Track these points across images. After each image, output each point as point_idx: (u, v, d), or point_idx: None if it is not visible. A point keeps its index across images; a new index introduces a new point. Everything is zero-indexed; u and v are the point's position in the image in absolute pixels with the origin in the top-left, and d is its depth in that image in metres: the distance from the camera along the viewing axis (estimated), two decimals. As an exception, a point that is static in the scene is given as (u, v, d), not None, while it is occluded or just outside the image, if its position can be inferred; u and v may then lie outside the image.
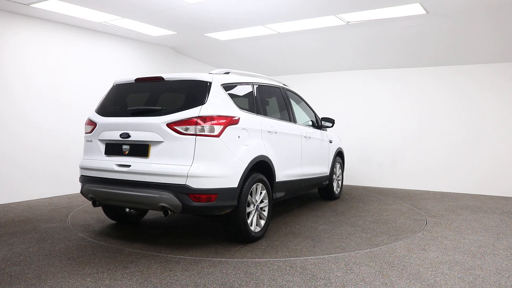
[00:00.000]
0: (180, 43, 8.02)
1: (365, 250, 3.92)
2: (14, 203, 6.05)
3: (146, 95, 4.14)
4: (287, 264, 3.54)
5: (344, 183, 8.18)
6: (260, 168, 4.31)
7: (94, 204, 4.20)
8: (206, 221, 5.06)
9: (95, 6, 5.72)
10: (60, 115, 6.61)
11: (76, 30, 6.85)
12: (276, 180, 4.53)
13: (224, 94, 4.00)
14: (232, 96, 4.11)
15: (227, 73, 4.39)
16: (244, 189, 3.94)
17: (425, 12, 5.59)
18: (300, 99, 5.80)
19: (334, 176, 6.45)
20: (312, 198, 6.66)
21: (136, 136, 3.86)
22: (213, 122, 3.71)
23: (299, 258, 3.69)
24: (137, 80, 4.24)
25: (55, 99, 6.60)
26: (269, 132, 4.46)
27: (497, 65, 7.00)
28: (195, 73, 4.05)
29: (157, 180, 3.70)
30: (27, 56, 6.27)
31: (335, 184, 6.52)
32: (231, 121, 3.87)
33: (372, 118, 8.19)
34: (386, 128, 8.03)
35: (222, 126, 3.76)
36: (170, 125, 3.71)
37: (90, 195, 4.17)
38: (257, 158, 4.14)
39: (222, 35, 7.22)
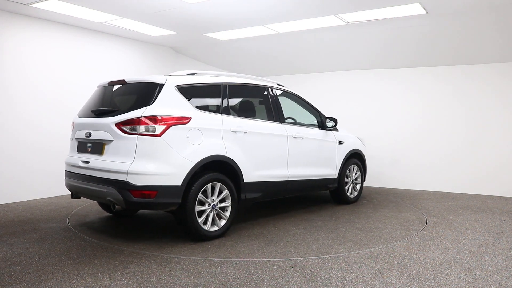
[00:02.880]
0: (180, 43, 8.02)
1: (365, 250, 3.92)
2: (14, 203, 6.05)
3: (113, 97, 4.46)
4: (287, 264, 3.55)
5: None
6: (222, 168, 4.37)
7: (72, 196, 4.65)
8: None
9: (95, 6, 5.72)
10: (60, 115, 6.60)
11: (76, 30, 6.85)
12: (246, 181, 4.54)
13: (177, 95, 4.14)
14: (189, 96, 4.23)
15: (192, 74, 4.51)
16: (193, 187, 4.03)
17: (425, 12, 5.59)
18: (299, 99, 5.69)
19: (347, 179, 6.16)
20: (324, 201, 6.42)
21: (95, 135, 4.24)
22: (155, 122, 3.89)
23: (299, 258, 3.69)
24: (109, 83, 4.55)
25: (55, 99, 6.61)
26: (234, 132, 4.46)
27: (498, 65, 6.99)
28: (152, 76, 4.29)
29: (105, 176, 4.02)
30: (27, 56, 6.27)
31: (349, 187, 6.20)
32: (177, 121, 4.00)
33: (372, 117, 8.19)
34: (386, 128, 8.03)
35: (164, 126, 3.91)
36: (118, 125, 4.00)
37: (68, 188, 4.66)
38: (212, 157, 4.18)
39: (222, 35, 7.22)
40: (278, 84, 5.47)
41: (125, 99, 4.32)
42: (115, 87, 4.49)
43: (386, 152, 8.02)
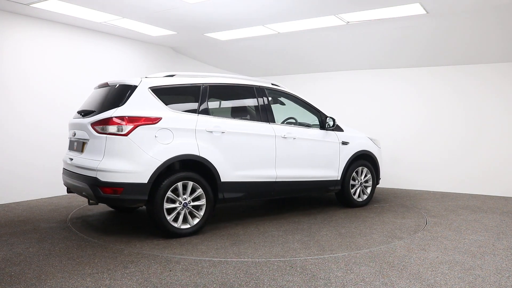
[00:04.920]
0: (180, 43, 8.02)
1: (365, 250, 3.92)
2: (14, 203, 6.05)
3: (98, 99, 4.63)
4: (287, 264, 3.55)
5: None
6: (196, 167, 4.46)
7: (67, 191, 4.89)
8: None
9: (95, 6, 5.72)
10: (60, 115, 6.59)
11: (76, 30, 6.85)
12: (224, 180, 4.57)
13: (150, 96, 4.33)
14: (164, 98, 4.39)
15: (172, 75, 4.67)
16: (161, 185, 4.17)
17: (425, 12, 5.59)
18: (297, 99, 5.56)
19: (354, 181, 5.89)
20: (330, 204, 6.11)
21: (78, 134, 4.55)
22: (122, 122, 4.11)
23: (299, 258, 3.69)
24: (99, 85, 4.84)
25: (54, 99, 6.60)
26: (210, 132, 4.51)
27: (498, 65, 6.99)
28: (128, 78, 4.55)
29: (82, 172, 4.31)
30: (27, 56, 6.27)
31: (357, 191, 5.92)
32: (145, 121, 4.18)
33: (372, 117, 8.19)
34: (385, 128, 8.03)
35: (132, 126, 4.11)
36: (92, 125, 4.26)
37: (63, 183, 4.92)
38: (182, 156, 4.29)
39: (222, 35, 7.22)
40: (272, 84, 5.40)
41: (105, 101, 4.50)
42: (103, 89, 4.69)
43: (386, 152, 8.02)
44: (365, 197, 6.06)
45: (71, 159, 4.56)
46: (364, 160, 6.04)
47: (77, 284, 3.09)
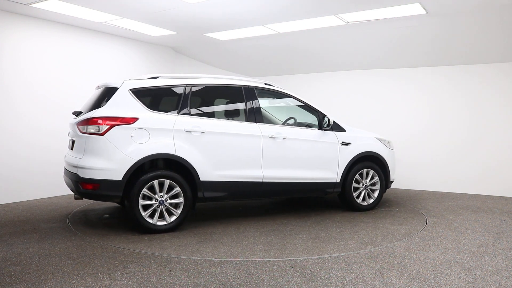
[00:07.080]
0: (180, 43, 8.02)
1: (365, 250, 3.92)
2: (14, 203, 6.06)
3: (89, 100, 4.90)
4: (287, 264, 3.55)
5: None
6: (176, 166, 4.60)
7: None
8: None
9: (95, 6, 5.72)
10: (60, 115, 6.59)
11: (76, 30, 6.85)
12: (203, 180, 4.64)
13: (130, 98, 4.54)
14: (144, 99, 4.60)
15: (156, 77, 4.86)
16: (136, 182, 4.36)
17: (425, 12, 5.59)
18: (294, 99, 5.47)
19: (358, 184, 5.61)
20: (334, 206, 5.91)
21: (71, 134, 4.86)
22: (99, 122, 4.36)
23: (299, 258, 3.69)
24: (95, 87, 5.08)
25: (54, 99, 6.60)
26: (189, 131, 4.61)
27: (498, 65, 6.98)
28: (113, 80, 4.76)
29: (69, 169, 4.65)
30: (27, 56, 6.26)
31: (363, 194, 5.64)
32: (122, 121, 4.39)
33: (372, 117, 8.19)
34: (387, 128, 8.03)
35: (108, 126, 4.34)
36: (77, 125, 4.55)
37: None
38: (156, 155, 4.44)
39: (222, 35, 7.22)
40: (266, 84, 5.35)
41: (92, 102, 4.73)
42: (96, 91, 4.94)
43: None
44: (371, 201, 5.71)
45: (65, 157, 4.91)
46: (371, 162, 5.72)
47: (77, 284, 3.09)
